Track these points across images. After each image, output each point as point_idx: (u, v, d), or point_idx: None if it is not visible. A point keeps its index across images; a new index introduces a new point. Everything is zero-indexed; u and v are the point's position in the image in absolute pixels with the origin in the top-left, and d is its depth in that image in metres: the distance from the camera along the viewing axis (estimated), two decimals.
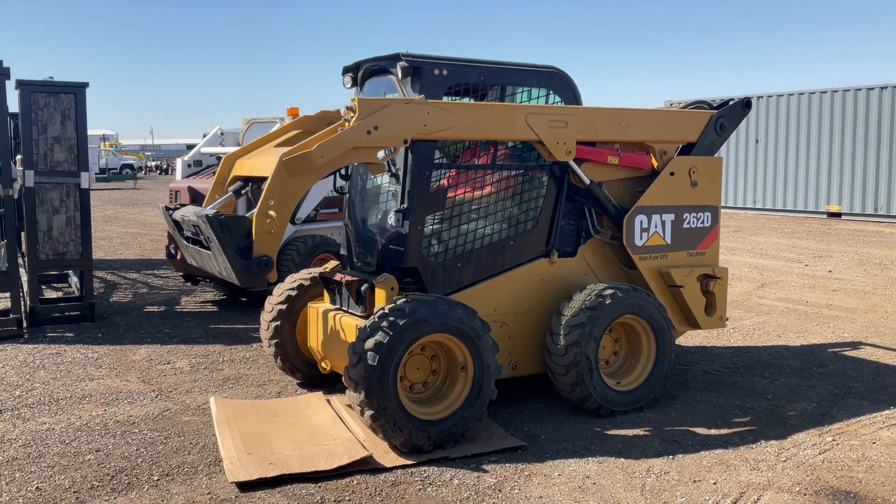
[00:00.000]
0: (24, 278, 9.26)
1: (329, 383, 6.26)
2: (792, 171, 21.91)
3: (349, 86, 6.04)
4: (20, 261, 9.88)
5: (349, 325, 5.38)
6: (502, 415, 5.65)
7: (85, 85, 8.73)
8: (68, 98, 8.60)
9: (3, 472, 4.73)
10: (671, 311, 6.15)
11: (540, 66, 5.77)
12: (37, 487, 4.52)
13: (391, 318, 4.80)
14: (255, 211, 4.86)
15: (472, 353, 5.02)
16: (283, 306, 6.16)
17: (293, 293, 6.17)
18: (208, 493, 4.43)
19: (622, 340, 5.93)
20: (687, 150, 6.32)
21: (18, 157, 8.93)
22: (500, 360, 5.53)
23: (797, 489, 4.51)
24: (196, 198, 9.63)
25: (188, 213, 5.39)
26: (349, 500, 4.34)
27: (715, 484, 4.59)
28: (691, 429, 5.47)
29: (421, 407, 5.02)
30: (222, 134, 12.92)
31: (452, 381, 5.14)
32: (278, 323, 6.14)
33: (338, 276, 5.79)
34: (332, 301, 5.99)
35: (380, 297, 5.30)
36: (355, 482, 4.56)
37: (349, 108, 5.09)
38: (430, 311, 4.88)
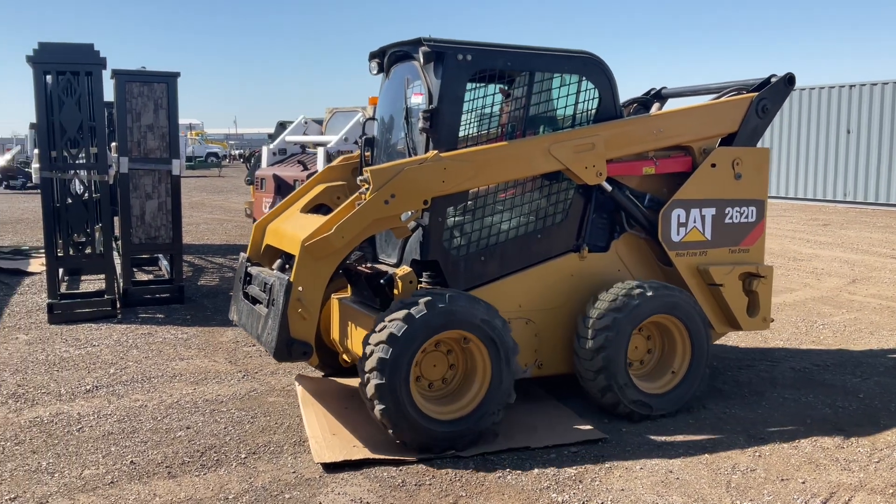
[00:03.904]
0: (118, 261, 9.62)
1: None
2: (885, 163, 21.00)
3: (375, 72, 5.81)
4: (114, 244, 10.27)
5: (367, 318, 5.20)
6: (581, 407, 5.60)
7: (177, 74, 9.01)
8: (161, 87, 8.89)
9: (99, 446, 4.94)
10: (711, 310, 5.84)
11: (572, 51, 5.45)
12: (131, 461, 4.72)
13: (406, 312, 4.64)
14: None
15: (490, 352, 4.81)
16: None
17: None
18: (293, 472, 4.54)
19: (655, 339, 5.61)
20: (729, 139, 5.94)
21: (113, 144, 9.29)
22: (526, 359, 5.37)
23: (891, 491, 4.35)
24: (280, 185, 9.85)
25: (266, 272, 5.40)
26: (430, 485, 4.39)
27: (804, 483, 4.46)
28: (779, 426, 5.33)
29: (435, 405, 4.84)
30: (306, 123, 13.17)
31: (469, 381, 4.93)
32: None
33: (359, 268, 5.66)
34: (354, 293, 5.85)
35: (398, 290, 5.09)
36: (436, 467, 4.61)
37: (363, 180, 4.95)
38: (447, 306, 4.70)
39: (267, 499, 4.23)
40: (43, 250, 10.95)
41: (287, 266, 5.42)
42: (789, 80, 5.99)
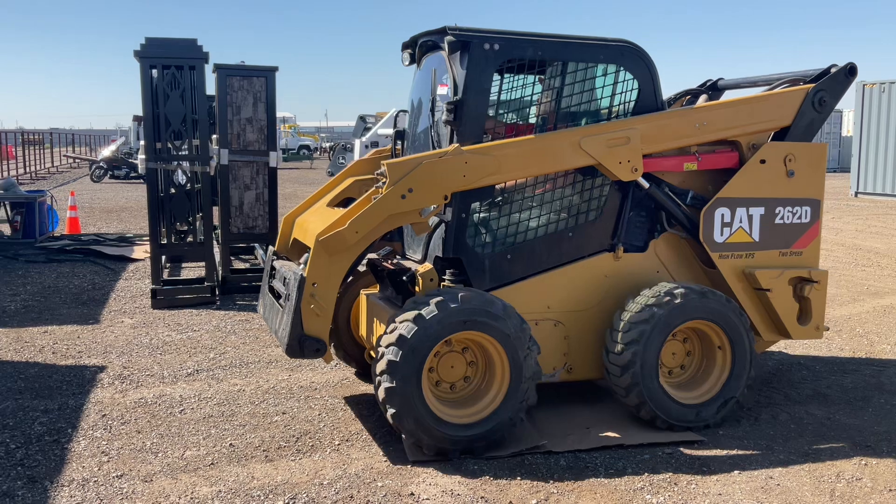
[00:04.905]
0: (217, 249, 9.92)
1: None
2: None
3: (407, 63, 5.64)
4: (213, 233, 10.60)
5: (388, 315, 4.97)
6: None
7: (275, 69, 9.22)
8: (260, 81, 9.12)
9: (200, 428, 5.11)
10: (758, 317, 5.47)
11: (609, 40, 5.14)
12: (230, 444, 4.86)
13: (417, 312, 4.48)
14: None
15: (508, 354, 4.61)
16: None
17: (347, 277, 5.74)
18: (385, 461, 4.60)
19: (694, 345, 5.28)
20: (782, 133, 5.51)
21: (214, 136, 9.58)
22: (555, 362, 5.19)
23: None
24: None
25: (288, 266, 5.33)
26: (521, 480, 4.37)
27: None
28: (886, 434, 5.09)
29: (451, 408, 4.68)
30: (398, 115, 13.26)
31: (487, 383, 4.75)
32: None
33: (384, 263, 5.54)
34: (381, 289, 5.74)
35: (419, 287, 4.91)
36: (527, 462, 4.59)
37: (380, 174, 4.78)
38: (460, 307, 4.50)
39: (360, 486, 4.30)
40: (146, 238, 11.43)
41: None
42: (850, 70, 5.52)
